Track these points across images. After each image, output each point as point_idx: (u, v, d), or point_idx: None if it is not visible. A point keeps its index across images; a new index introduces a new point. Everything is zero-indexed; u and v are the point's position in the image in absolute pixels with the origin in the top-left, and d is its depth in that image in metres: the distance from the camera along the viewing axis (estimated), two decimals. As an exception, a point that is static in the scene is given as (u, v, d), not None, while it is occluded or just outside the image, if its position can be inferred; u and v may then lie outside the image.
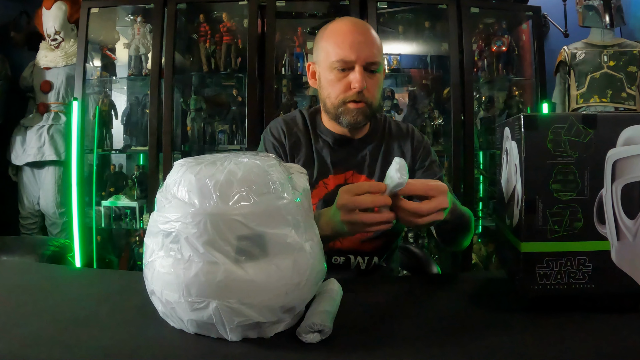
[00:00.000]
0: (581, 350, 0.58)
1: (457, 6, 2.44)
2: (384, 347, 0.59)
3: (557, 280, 0.69)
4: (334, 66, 1.02)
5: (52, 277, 0.97)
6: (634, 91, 2.42)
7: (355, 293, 0.79)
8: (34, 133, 2.59)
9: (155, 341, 0.60)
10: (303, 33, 2.52)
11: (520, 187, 0.70)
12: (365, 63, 1.01)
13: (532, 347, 0.59)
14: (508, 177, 0.78)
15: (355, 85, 1.01)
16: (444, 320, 0.70)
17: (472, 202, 2.43)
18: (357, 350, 0.58)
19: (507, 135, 0.78)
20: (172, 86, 2.41)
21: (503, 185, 0.82)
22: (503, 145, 0.81)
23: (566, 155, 0.68)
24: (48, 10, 2.59)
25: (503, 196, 0.82)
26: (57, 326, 0.64)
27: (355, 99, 1.03)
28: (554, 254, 0.69)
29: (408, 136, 1.18)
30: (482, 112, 2.62)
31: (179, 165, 0.64)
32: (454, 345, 0.60)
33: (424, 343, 0.61)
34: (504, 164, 0.81)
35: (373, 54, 1.02)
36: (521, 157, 0.69)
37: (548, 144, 0.68)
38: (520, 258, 0.69)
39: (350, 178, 1.12)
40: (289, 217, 0.60)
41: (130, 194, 2.55)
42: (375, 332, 0.64)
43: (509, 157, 0.77)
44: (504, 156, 0.81)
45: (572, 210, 0.68)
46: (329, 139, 1.13)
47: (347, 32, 1.02)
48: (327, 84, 1.05)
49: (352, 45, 1.00)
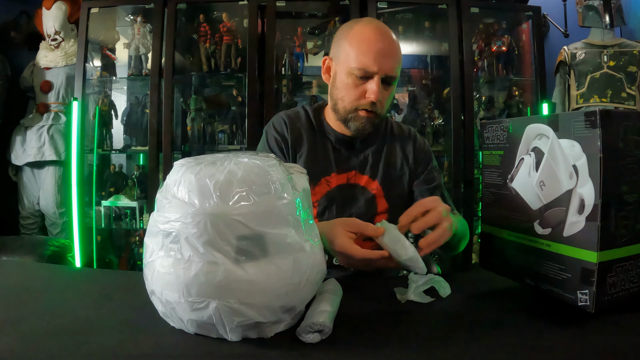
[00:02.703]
0: (582, 350, 0.58)
1: (457, 6, 2.44)
2: (384, 347, 0.59)
3: (620, 287, 0.65)
4: (353, 72, 1.01)
5: (52, 277, 0.97)
6: (634, 91, 2.42)
7: (355, 293, 0.79)
8: (34, 133, 2.59)
9: (155, 341, 0.60)
10: (303, 33, 2.52)
11: (589, 191, 0.63)
12: (384, 75, 1.01)
13: (532, 347, 0.59)
14: (543, 180, 0.71)
15: (370, 96, 1.01)
16: (444, 320, 0.70)
17: (472, 202, 2.43)
18: (357, 350, 0.58)
19: (540, 132, 0.71)
20: (172, 86, 2.41)
21: (525, 189, 0.74)
22: (527, 144, 0.74)
23: (632, 154, 0.64)
24: (48, 10, 2.59)
25: (520, 202, 0.75)
26: (57, 326, 0.64)
27: (368, 108, 1.03)
28: (621, 260, 0.64)
29: (410, 139, 1.18)
30: (482, 112, 2.62)
31: (179, 165, 0.64)
32: (454, 345, 0.60)
33: (423, 343, 0.61)
34: (529, 166, 0.73)
35: (394, 68, 1.01)
36: (595, 158, 0.62)
37: (620, 143, 0.63)
38: (595, 269, 0.63)
39: (352, 178, 1.12)
40: (289, 217, 0.60)
41: (130, 194, 2.55)
42: (375, 332, 0.64)
43: (546, 157, 0.70)
44: (526, 157, 0.74)
45: (636, 212, 0.65)
46: (332, 137, 1.14)
47: (373, 40, 1.00)
48: (343, 86, 1.05)
49: (376, 56, 0.99)
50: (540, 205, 0.72)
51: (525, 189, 0.75)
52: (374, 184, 1.12)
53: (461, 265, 2.40)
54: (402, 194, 1.14)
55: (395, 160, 1.15)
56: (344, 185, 1.11)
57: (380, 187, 1.12)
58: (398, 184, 1.14)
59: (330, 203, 1.10)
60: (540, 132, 0.71)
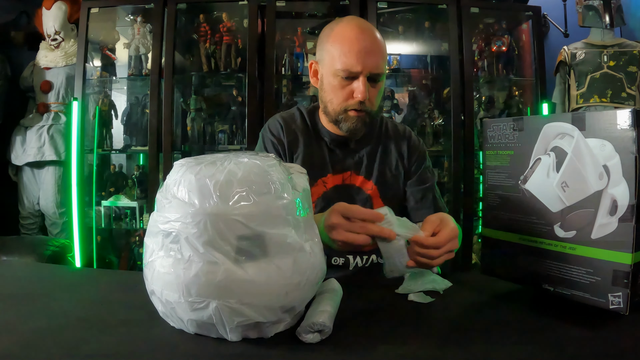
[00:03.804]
0: (581, 350, 0.58)
1: (457, 6, 2.44)
2: (384, 347, 0.59)
3: None
4: (338, 74, 1.01)
5: (52, 277, 0.97)
6: (634, 91, 2.42)
7: (355, 293, 0.79)
8: (34, 133, 2.59)
9: (155, 341, 0.60)
10: (303, 33, 2.52)
11: (623, 191, 0.62)
12: (369, 73, 1.00)
13: (532, 348, 0.59)
14: (565, 181, 0.69)
15: (358, 96, 1.01)
16: (444, 320, 0.70)
17: (472, 202, 2.44)
18: (357, 350, 0.58)
19: (562, 131, 0.69)
20: (172, 86, 2.41)
21: (543, 191, 0.72)
22: (546, 144, 0.72)
23: None
24: (48, 10, 2.60)
25: (536, 204, 0.73)
26: (57, 326, 0.64)
27: (357, 107, 1.03)
28: None
29: (405, 138, 1.18)
30: (482, 112, 2.62)
31: (179, 165, 0.64)
32: (454, 345, 0.60)
33: (423, 343, 0.61)
34: (547, 166, 0.71)
35: (378, 64, 1.01)
36: (629, 158, 0.61)
37: None
38: (630, 271, 0.61)
39: (348, 178, 1.12)
40: (289, 217, 0.60)
41: (130, 194, 2.55)
42: (375, 332, 0.64)
43: (570, 157, 0.68)
44: (544, 157, 0.72)
45: None
46: (327, 138, 1.14)
47: (354, 39, 1.00)
48: (330, 89, 1.05)
49: (359, 55, 0.99)
50: (562, 207, 0.69)
51: (542, 191, 0.72)
52: (369, 184, 1.12)
53: (461, 266, 2.40)
54: (397, 194, 1.14)
55: (390, 160, 1.15)
56: (340, 186, 1.11)
57: (376, 187, 1.12)
58: (393, 184, 1.14)
59: (326, 203, 1.10)
60: (562, 131, 0.69)
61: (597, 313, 0.67)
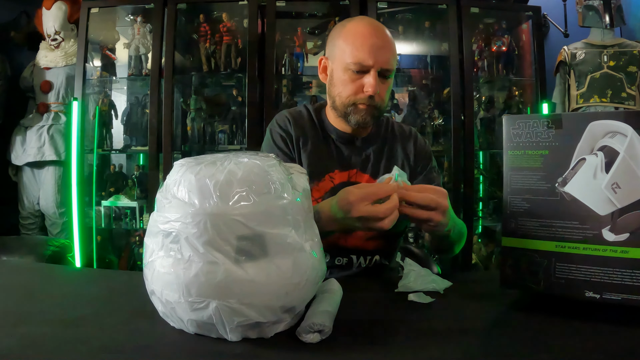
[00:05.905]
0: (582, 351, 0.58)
1: (457, 6, 2.44)
2: (384, 347, 0.59)
3: None
4: (349, 67, 1.02)
5: (52, 277, 0.97)
6: (634, 91, 2.42)
7: (355, 293, 0.79)
8: (34, 133, 2.59)
9: (155, 341, 0.60)
10: (303, 33, 2.52)
11: None
12: (380, 69, 1.01)
13: (532, 348, 0.59)
14: (617, 182, 0.66)
15: (368, 90, 1.02)
16: (444, 321, 0.70)
17: (472, 202, 2.44)
18: (357, 350, 0.58)
19: (612, 130, 0.66)
20: (172, 86, 2.41)
21: (588, 193, 0.68)
22: (592, 143, 0.68)
23: None
24: (48, 10, 2.59)
25: (580, 208, 0.69)
26: (57, 326, 0.64)
27: (366, 102, 1.04)
28: None
29: (411, 138, 1.19)
30: (482, 112, 2.62)
31: (179, 165, 0.64)
32: (454, 345, 0.60)
33: (424, 343, 0.61)
34: (594, 167, 0.68)
35: (389, 60, 1.02)
36: None
37: None
38: None
39: (354, 176, 1.12)
40: (289, 217, 0.60)
41: (130, 194, 2.55)
42: (375, 332, 0.64)
43: (622, 157, 0.65)
44: (589, 157, 0.68)
45: None
46: (334, 135, 1.14)
47: (367, 34, 1.01)
48: (340, 82, 1.06)
49: (371, 49, 1.00)
50: (613, 209, 0.66)
51: (587, 193, 0.68)
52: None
53: (461, 266, 2.40)
54: None
55: (396, 160, 1.15)
56: (346, 183, 1.11)
57: None
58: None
59: None
60: (613, 130, 0.65)
61: (598, 313, 0.67)
